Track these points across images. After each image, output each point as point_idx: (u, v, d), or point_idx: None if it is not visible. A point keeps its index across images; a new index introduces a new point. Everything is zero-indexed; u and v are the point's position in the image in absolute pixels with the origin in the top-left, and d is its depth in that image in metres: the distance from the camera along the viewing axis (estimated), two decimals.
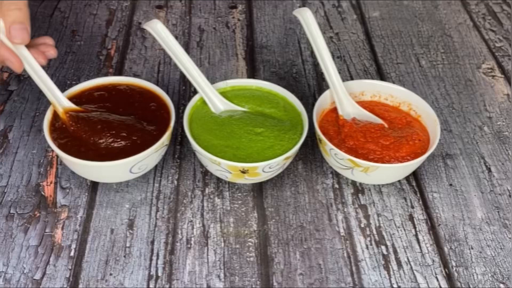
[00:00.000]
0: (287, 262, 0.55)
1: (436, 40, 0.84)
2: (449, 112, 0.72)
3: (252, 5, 0.89)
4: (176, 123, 0.66)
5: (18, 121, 0.68)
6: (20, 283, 0.52)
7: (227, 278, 0.54)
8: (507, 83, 0.77)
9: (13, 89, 0.72)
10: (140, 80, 0.65)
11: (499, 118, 0.72)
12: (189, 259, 0.55)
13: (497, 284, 0.54)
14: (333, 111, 0.65)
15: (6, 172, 0.62)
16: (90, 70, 0.75)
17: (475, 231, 0.59)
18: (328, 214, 0.60)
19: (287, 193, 0.62)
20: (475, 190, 0.63)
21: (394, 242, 0.57)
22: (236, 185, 0.62)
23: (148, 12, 0.87)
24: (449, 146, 0.68)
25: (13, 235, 0.56)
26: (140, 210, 0.59)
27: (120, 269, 0.54)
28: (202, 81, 0.64)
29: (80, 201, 0.60)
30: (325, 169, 0.64)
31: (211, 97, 0.64)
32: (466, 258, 0.56)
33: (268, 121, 0.62)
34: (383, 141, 0.60)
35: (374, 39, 0.83)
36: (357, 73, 0.77)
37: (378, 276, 0.54)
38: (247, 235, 0.57)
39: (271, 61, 0.79)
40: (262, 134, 0.60)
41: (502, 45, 0.83)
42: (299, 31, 0.84)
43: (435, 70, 0.78)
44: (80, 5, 0.86)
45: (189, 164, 0.64)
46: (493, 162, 0.66)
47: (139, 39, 0.81)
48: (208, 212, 0.59)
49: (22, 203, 0.59)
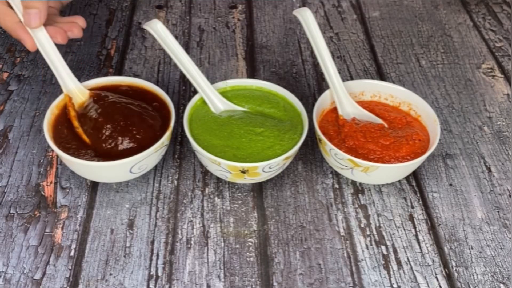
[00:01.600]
0: (287, 262, 0.55)
1: (436, 40, 0.84)
2: (449, 112, 0.72)
3: (252, 5, 0.89)
4: (176, 123, 0.67)
5: (18, 121, 0.68)
6: (20, 283, 0.52)
7: (227, 278, 0.54)
8: (507, 83, 0.77)
9: (13, 89, 0.72)
10: (140, 80, 0.65)
11: (499, 118, 0.72)
12: (189, 259, 0.55)
13: (497, 284, 0.54)
14: (333, 111, 0.65)
15: (6, 172, 0.62)
16: (90, 70, 0.75)
17: (475, 231, 0.59)
18: (328, 214, 0.60)
19: (287, 193, 0.62)
20: (475, 190, 0.63)
21: (394, 242, 0.57)
22: (236, 185, 0.62)
23: (148, 12, 0.87)
24: (449, 146, 0.68)
25: (13, 235, 0.56)
26: (140, 210, 0.59)
27: (120, 269, 0.54)
28: (202, 81, 0.64)
29: (80, 201, 0.60)
30: (325, 169, 0.64)
31: (211, 97, 0.64)
32: (466, 258, 0.56)
33: (268, 121, 0.62)
34: (383, 141, 0.60)
35: (374, 39, 0.83)
36: (357, 73, 0.77)
37: (378, 276, 0.54)
38: (247, 235, 0.57)
39: (271, 61, 0.79)
40: (262, 134, 0.60)
41: (502, 45, 0.83)
42: (299, 31, 0.84)
43: (435, 70, 0.78)
44: (80, 5, 0.86)
45: (189, 164, 0.64)
46: (493, 162, 0.66)
47: (139, 39, 0.81)
48: (208, 212, 0.59)
49: (22, 203, 0.59)
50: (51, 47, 0.62)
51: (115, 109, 0.59)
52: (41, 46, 0.61)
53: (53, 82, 0.73)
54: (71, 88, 0.62)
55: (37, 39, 0.61)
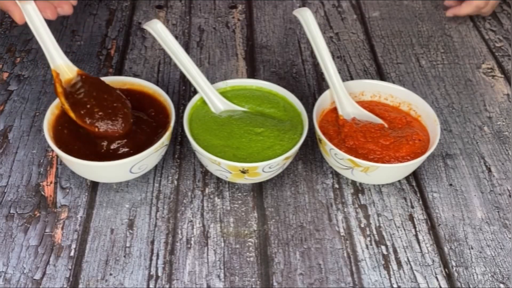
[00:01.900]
0: (287, 262, 0.55)
1: (436, 40, 0.84)
2: (449, 112, 0.72)
3: (252, 5, 0.89)
4: (176, 123, 0.66)
5: (18, 121, 0.68)
6: (20, 283, 0.52)
7: (227, 278, 0.54)
8: (507, 83, 0.77)
9: (13, 89, 0.72)
10: (140, 80, 0.65)
11: (499, 118, 0.72)
12: (189, 259, 0.55)
13: (497, 284, 0.54)
14: (333, 111, 0.65)
15: (6, 172, 0.62)
16: (90, 70, 0.75)
17: (475, 231, 0.59)
18: (328, 214, 0.60)
19: (287, 193, 0.62)
20: (475, 190, 0.63)
21: (394, 242, 0.57)
22: (236, 185, 0.62)
23: (148, 12, 0.87)
24: (449, 146, 0.68)
25: (13, 235, 0.56)
26: (140, 210, 0.59)
27: (120, 269, 0.54)
28: (202, 81, 0.64)
29: (80, 201, 0.60)
30: (325, 169, 0.64)
31: (210, 97, 0.64)
32: (466, 258, 0.56)
33: (268, 121, 0.62)
34: (383, 141, 0.60)
35: (374, 39, 0.83)
36: (357, 73, 0.77)
37: (378, 276, 0.54)
38: (247, 235, 0.57)
39: (271, 61, 0.79)
40: (262, 134, 0.60)
41: (502, 45, 0.83)
42: (299, 31, 0.84)
43: (435, 70, 0.78)
44: (80, 5, 0.86)
45: (189, 164, 0.64)
46: (493, 162, 0.66)
47: (139, 39, 0.81)
48: (208, 212, 0.59)
49: (22, 203, 0.59)
50: (40, 21, 0.60)
51: (100, 88, 0.59)
52: (30, 19, 0.60)
53: (53, 82, 0.73)
54: (59, 63, 0.61)
55: (26, 11, 0.60)
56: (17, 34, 0.80)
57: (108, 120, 0.58)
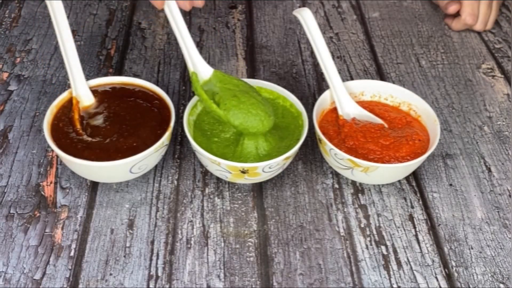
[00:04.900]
0: (287, 262, 0.55)
1: (436, 40, 0.84)
2: (449, 112, 0.72)
3: (252, 5, 0.89)
4: (176, 123, 0.66)
5: (18, 121, 0.68)
6: (20, 283, 0.52)
7: (227, 278, 0.54)
8: (507, 83, 0.77)
9: (13, 89, 0.72)
10: (140, 80, 0.65)
11: (499, 118, 0.72)
12: (189, 259, 0.55)
13: (497, 284, 0.54)
14: (333, 111, 0.65)
15: (6, 172, 0.62)
16: (90, 70, 0.75)
17: (475, 231, 0.59)
18: (328, 214, 0.60)
19: (287, 193, 0.62)
20: (475, 190, 0.63)
21: (394, 242, 0.57)
22: (236, 185, 0.62)
23: (148, 12, 0.87)
24: (449, 146, 0.68)
25: (13, 235, 0.56)
26: (140, 210, 0.59)
27: (120, 269, 0.54)
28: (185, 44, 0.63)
29: (80, 201, 0.60)
30: (325, 169, 0.64)
31: (196, 63, 0.62)
32: (466, 258, 0.56)
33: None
34: (383, 141, 0.60)
35: (374, 39, 0.83)
36: (357, 73, 0.78)
37: (378, 276, 0.54)
38: (247, 235, 0.57)
39: (271, 61, 0.79)
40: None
41: (501, 46, 0.83)
42: (299, 31, 0.84)
43: (435, 70, 0.78)
44: (80, 5, 0.86)
45: (189, 164, 0.64)
46: (493, 162, 0.66)
47: (139, 39, 0.81)
48: (208, 212, 0.59)
49: (22, 203, 0.59)
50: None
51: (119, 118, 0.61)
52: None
53: (53, 82, 0.73)
54: (81, 93, 0.62)
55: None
56: (17, 34, 0.80)
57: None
